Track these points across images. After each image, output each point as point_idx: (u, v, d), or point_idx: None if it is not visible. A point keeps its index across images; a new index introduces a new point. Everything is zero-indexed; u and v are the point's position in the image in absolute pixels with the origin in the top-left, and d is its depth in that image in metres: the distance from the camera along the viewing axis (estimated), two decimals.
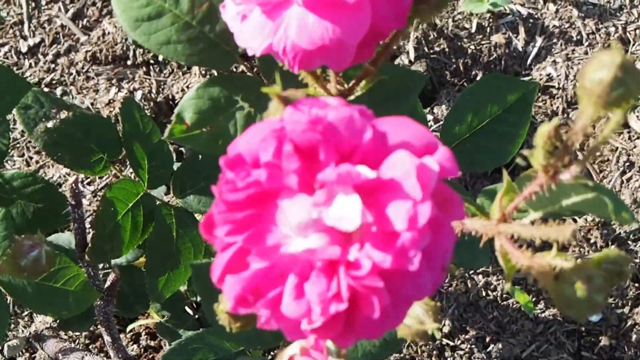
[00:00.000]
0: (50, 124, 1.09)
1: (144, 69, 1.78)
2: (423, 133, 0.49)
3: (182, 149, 1.69)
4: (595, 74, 0.51)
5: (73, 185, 1.13)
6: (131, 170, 1.18)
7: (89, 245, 1.12)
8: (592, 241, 1.55)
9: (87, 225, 1.20)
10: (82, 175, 1.71)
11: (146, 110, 1.72)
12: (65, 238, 1.28)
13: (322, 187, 0.48)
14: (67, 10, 1.84)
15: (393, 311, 0.48)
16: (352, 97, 0.76)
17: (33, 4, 1.86)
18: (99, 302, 1.21)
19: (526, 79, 1.65)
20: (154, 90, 1.75)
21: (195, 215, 1.17)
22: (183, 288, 1.40)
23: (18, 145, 1.74)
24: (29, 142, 1.74)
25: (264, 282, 0.50)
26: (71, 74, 1.79)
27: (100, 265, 1.31)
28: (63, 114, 1.10)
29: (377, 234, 0.47)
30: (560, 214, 0.68)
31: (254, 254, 0.50)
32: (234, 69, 1.47)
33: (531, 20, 1.72)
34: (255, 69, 0.87)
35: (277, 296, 0.49)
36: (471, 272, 1.55)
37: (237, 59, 0.83)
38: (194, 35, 0.81)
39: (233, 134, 0.80)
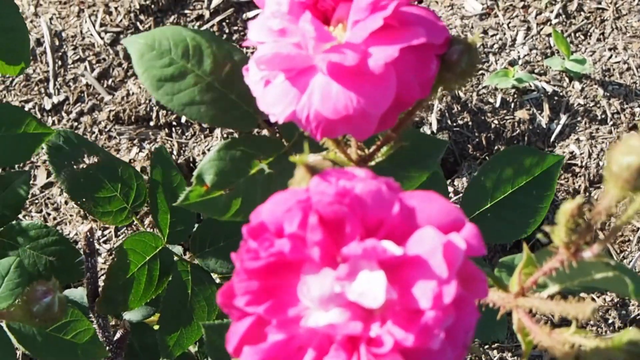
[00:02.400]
0: (78, 167, 1.09)
1: (166, 130, 1.79)
2: (450, 209, 0.48)
3: None
4: (623, 159, 0.51)
5: (87, 233, 1.12)
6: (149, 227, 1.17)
7: (100, 295, 1.11)
8: (610, 321, 1.53)
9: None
10: (99, 233, 1.70)
11: None
12: (78, 293, 1.26)
13: (345, 261, 0.47)
14: (93, 70, 1.86)
15: None
16: (372, 163, 0.75)
17: (60, 62, 1.87)
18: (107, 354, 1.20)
19: None
20: (175, 152, 1.75)
21: (212, 274, 1.16)
22: (194, 350, 1.38)
23: (36, 201, 1.74)
24: (48, 198, 1.74)
25: (282, 355, 0.49)
26: (93, 132, 1.79)
27: (112, 322, 1.29)
28: (92, 159, 1.10)
29: (400, 311, 0.47)
30: (579, 290, 0.67)
31: (273, 325, 0.49)
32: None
33: (556, 98, 1.73)
34: (277, 130, 0.86)
35: None
36: (486, 346, 1.53)
37: (259, 120, 0.82)
38: (216, 96, 0.80)
39: (253, 197, 0.79)
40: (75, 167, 1.09)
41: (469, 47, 0.65)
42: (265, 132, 0.86)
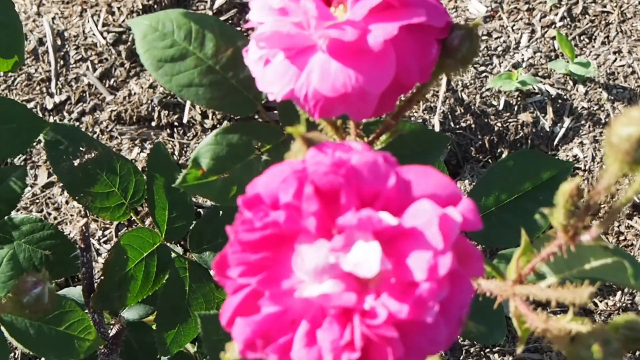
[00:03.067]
0: (76, 162, 1.08)
1: (168, 130, 1.78)
2: (447, 183, 0.48)
3: (200, 210, 1.68)
4: (623, 130, 0.50)
5: (83, 228, 1.11)
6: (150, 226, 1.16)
7: (95, 290, 1.11)
8: None
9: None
10: (99, 233, 1.70)
11: None
12: (76, 292, 1.26)
13: (341, 232, 0.47)
14: (95, 69, 1.85)
15: None
16: None
17: (62, 62, 1.87)
18: (103, 351, 1.19)
19: None
20: (176, 153, 1.75)
21: (210, 272, 1.15)
22: (193, 350, 1.37)
23: (37, 201, 1.74)
24: (48, 198, 1.74)
25: (275, 327, 0.48)
26: (95, 132, 1.79)
27: (112, 321, 1.29)
28: (91, 153, 1.09)
29: (395, 283, 0.46)
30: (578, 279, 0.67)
31: (267, 298, 0.48)
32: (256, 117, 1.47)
33: (560, 101, 1.72)
34: (275, 117, 0.86)
35: (288, 342, 0.48)
36: (487, 349, 1.52)
37: (258, 106, 0.82)
38: (216, 79, 0.80)
39: (249, 183, 0.78)
40: (73, 161, 1.09)
41: (470, 33, 0.64)
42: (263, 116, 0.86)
